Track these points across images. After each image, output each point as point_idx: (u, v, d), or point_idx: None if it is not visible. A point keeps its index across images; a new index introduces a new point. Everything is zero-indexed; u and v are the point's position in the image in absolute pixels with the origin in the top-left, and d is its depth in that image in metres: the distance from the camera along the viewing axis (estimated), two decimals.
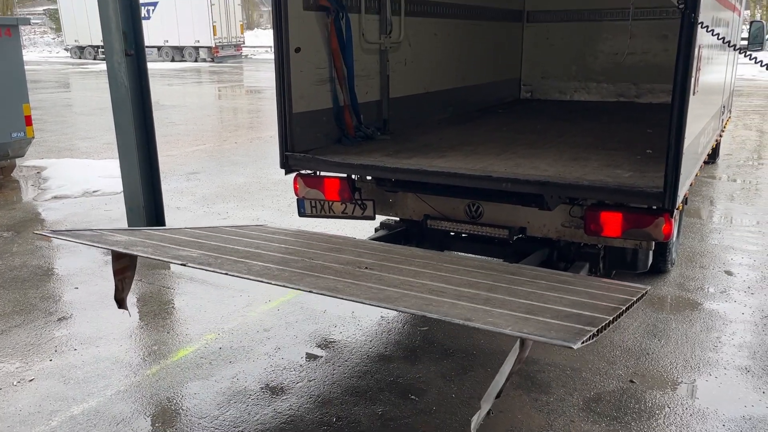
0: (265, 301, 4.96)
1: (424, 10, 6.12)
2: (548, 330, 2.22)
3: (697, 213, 7.11)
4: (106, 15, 5.74)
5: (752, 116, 14.31)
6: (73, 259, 5.95)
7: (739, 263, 5.61)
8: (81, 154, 11.10)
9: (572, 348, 2.02)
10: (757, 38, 8.31)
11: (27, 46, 50.08)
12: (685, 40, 3.32)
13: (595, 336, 2.16)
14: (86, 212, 7.45)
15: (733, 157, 10.06)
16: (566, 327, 2.24)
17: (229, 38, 37.23)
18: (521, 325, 2.27)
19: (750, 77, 21.32)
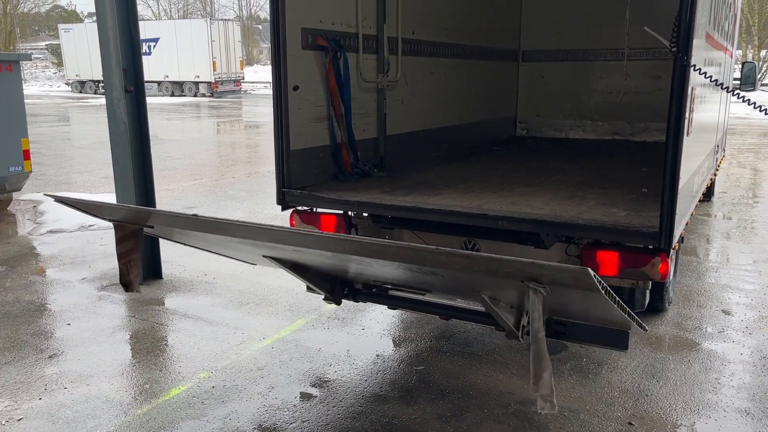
0: (260, 339, 4.91)
1: (420, 49, 6.22)
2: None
3: (693, 251, 7.11)
4: (106, 51, 5.81)
5: (746, 154, 14.44)
6: (66, 294, 5.90)
7: (737, 302, 5.59)
8: (78, 188, 11.10)
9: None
10: (750, 78, 8.44)
11: (28, 80, 50.55)
12: (678, 82, 3.36)
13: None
14: (81, 246, 7.41)
15: (728, 195, 10.11)
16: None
17: (229, 74, 37.66)
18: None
19: (743, 116, 21.57)
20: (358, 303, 4.04)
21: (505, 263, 2.21)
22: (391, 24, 5.60)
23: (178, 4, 68.61)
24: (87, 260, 6.89)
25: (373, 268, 3.02)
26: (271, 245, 2.88)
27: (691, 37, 3.32)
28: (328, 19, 4.92)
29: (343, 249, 2.66)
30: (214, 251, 3.93)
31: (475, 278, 2.64)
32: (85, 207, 3.20)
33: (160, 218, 3.01)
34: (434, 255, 2.35)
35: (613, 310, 2.51)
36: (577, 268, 2.06)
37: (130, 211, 3.07)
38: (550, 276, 2.22)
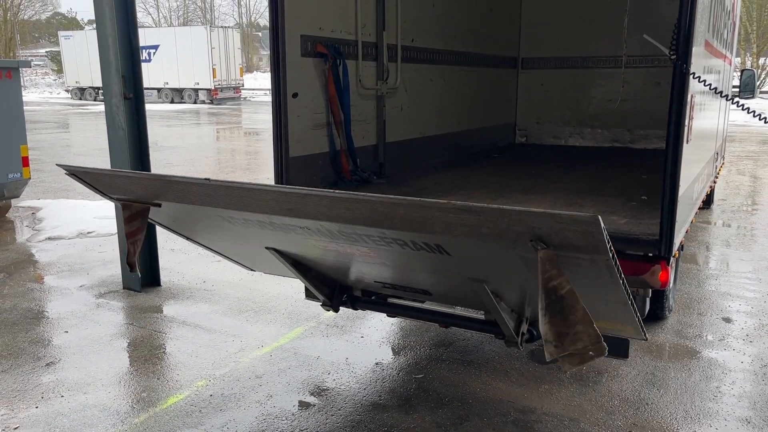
0: (258, 347, 4.89)
1: (420, 56, 6.22)
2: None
3: (693, 259, 7.10)
4: (106, 59, 5.81)
5: (745, 162, 14.45)
6: (64, 302, 5.88)
7: (737, 310, 5.57)
8: (77, 194, 11.08)
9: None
10: (749, 86, 8.44)
11: (28, 86, 50.67)
12: (677, 90, 3.36)
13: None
14: (80, 253, 7.39)
15: (728, 202, 10.11)
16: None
17: (229, 81, 37.75)
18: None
19: (742, 123, 21.62)
20: (357, 311, 4.03)
21: (514, 215, 2.13)
22: (391, 31, 5.61)
23: (178, 11, 68.91)
24: (85, 267, 6.87)
25: (374, 254, 2.93)
26: (280, 214, 2.77)
27: (691, 45, 3.32)
28: (328, 27, 4.93)
29: (355, 209, 2.50)
30: (216, 248, 3.88)
31: (480, 253, 2.55)
32: (95, 182, 3.15)
33: (170, 188, 2.89)
34: (443, 212, 2.25)
35: (619, 289, 2.46)
36: (587, 216, 1.99)
37: (141, 179, 2.97)
38: (559, 230, 2.12)
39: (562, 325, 2.21)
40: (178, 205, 3.09)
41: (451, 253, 2.61)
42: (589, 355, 2.24)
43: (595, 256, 2.21)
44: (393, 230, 2.54)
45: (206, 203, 2.91)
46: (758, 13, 34.93)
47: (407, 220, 2.41)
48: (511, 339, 3.31)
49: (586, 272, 2.37)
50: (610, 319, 3.05)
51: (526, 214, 2.08)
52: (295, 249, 3.27)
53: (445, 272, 2.99)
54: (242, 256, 3.94)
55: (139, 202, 3.11)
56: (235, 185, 2.62)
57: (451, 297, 3.52)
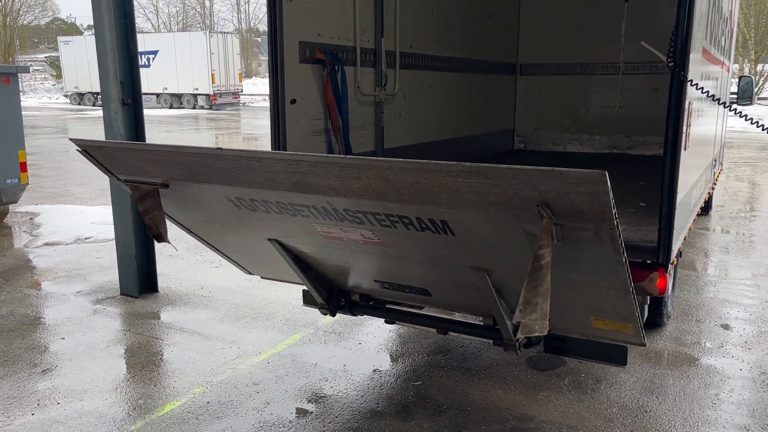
0: (256, 353, 4.87)
1: (418, 63, 6.23)
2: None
3: (691, 265, 7.10)
4: (104, 65, 5.81)
5: (744, 168, 14.47)
6: (61, 308, 5.86)
7: (735, 317, 5.56)
8: (75, 200, 11.08)
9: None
10: (746, 93, 8.46)
11: (27, 92, 50.71)
12: (675, 97, 3.37)
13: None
14: (77, 259, 7.38)
15: (726, 208, 10.11)
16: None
17: (228, 86, 37.80)
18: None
19: (740, 129, 21.66)
20: (355, 317, 4.01)
21: (522, 174, 2.12)
22: (389, 38, 5.61)
23: (177, 16, 69.05)
24: (82, 273, 6.85)
25: (377, 240, 2.90)
26: (289, 189, 2.72)
27: (688, 52, 3.33)
28: (326, 33, 4.93)
29: (364, 178, 2.46)
30: (217, 244, 3.86)
31: (485, 230, 2.52)
32: (106, 159, 3.10)
33: (182, 160, 2.85)
34: (452, 176, 2.24)
35: (621, 270, 2.46)
36: (594, 172, 2.01)
37: (154, 151, 2.91)
38: (565, 193, 2.12)
39: (531, 292, 2.29)
40: (186, 187, 3.06)
41: (456, 231, 2.59)
42: (535, 329, 2.31)
43: (600, 224, 2.21)
44: (399, 203, 2.51)
45: (215, 180, 2.88)
46: (756, 20, 35.07)
47: (415, 188, 2.38)
48: (510, 342, 3.30)
49: (590, 248, 2.37)
50: (611, 316, 3.02)
51: (534, 173, 2.08)
52: (298, 241, 3.25)
53: (447, 262, 2.95)
54: (243, 254, 3.91)
55: (146, 183, 3.10)
56: (246, 153, 2.60)
57: (450, 297, 3.49)
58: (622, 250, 2.33)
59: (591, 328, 3.17)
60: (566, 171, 2.02)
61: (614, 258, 2.38)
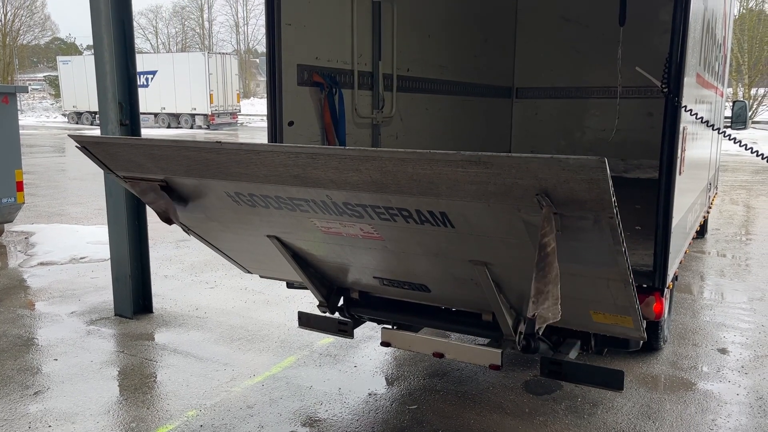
0: (250, 376, 4.83)
1: (415, 86, 6.28)
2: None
3: (688, 288, 7.09)
4: (103, 85, 5.84)
5: (739, 191, 14.54)
6: (54, 329, 5.81)
7: (732, 341, 5.55)
8: (71, 219, 11.06)
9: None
10: (740, 117, 8.54)
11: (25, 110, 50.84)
12: (669, 122, 3.40)
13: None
14: (72, 279, 7.34)
15: (722, 232, 10.14)
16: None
17: (225, 106, 37.96)
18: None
19: (735, 152, 21.78)
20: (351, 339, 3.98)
21: (522, 162, 2.11)
22: (387, 61, 5.66)
23: (176, 37, 69.57)
24: (77, 293, 6.81)
25: (377, 234, 2.88)
26: (288, 183, 2.71)
27: (682, 78, 3.36)
28: (324, 56, 4.97)
29: (364, 170, 2.44)
30: (216, 242, 3.83)
31: (484, 222, 2.52)
32: (105, 155, 3.09)
33: (182, 155, 2.81)
34: (451, 165, 2.23)
35: (621, 259, 2.46)
36: (593, 159, 2.02)
37: (154, 146, 2.87)
38: (565, 181, 2.11)
39: (541, 282, 2.30)
40: (185, 182, 3.05)
41: (455, 223, 2.58)
42: (547, 316, 2.33)
43: (599, 213, 2.22)
44: (399, 195, 2.50)
45: (214, 175, 2.87)
46: (749, 45, 35.49)
47: (414, 179, 2.38)
48: (509, 337, 3.29)
49: (589, 237, 2.37)
50: (611, 309, 3.00)
51: (533, 160, 2.08)
52: (297, 237, 3.24)
53: (447, 256, 2.94)
54: (242, 252, 3.89)
55: (145, 179, 3.10)
56: (245, 146, 2.59)
57: (449, 293, 3.46)
58: (621, 240, 2.33)
59: (590, 321, 3.15)
60: (565, 158, 2.03)
61: (614, 248, 2.39)
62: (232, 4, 68.26)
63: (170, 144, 2.80)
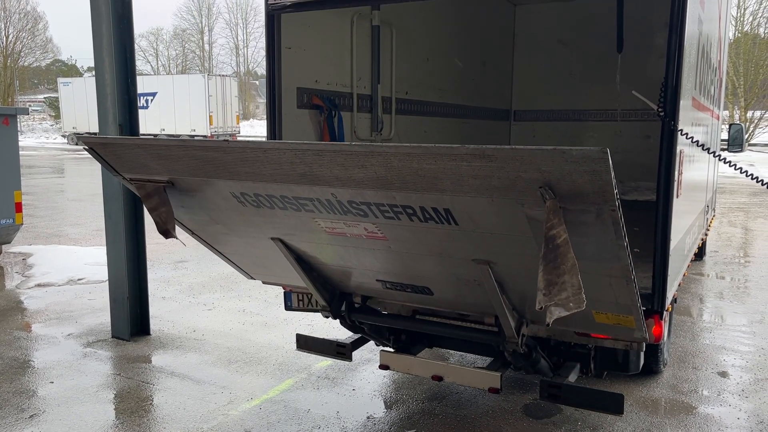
0: (248, 399, 4.79)
1: (413, 108, 6.33)
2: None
3: (687, 311, 7.08)
4: (103, 107, 5.88)
5: (736, 213, 14.57)
6: (51, 351, 5.78)
7: (732, 364, 5.53)
8: (69, 240, 11.04)
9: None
10: (737, 140, 8.60)
11: (25, 131, 51.05)
12: (666, 146, 3.42)
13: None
14: (69, 301, 7.31)
15: (720, 254, 10.14)
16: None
17: (225, 128, 38.14)
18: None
19: (732, 174, 21.84)
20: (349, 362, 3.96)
21: (525, 155, 2.13)
22: (385, 84, 5.71)
23: (177, 59, 70.09)
24: (74, 315, 6.78)
25: (381, 234, 2.89)
26: (294, 182, 2.72)
27: (678, 102, 3.39)
28: (324, 79, 5.02)
29: (369, 166, 2.46)
30: (220, 246, 3.84)
31: (488, 219, 2.52)
32: (112, 156, 3.10)
33: (188, 154, 2.82)
34: (456, 160, 2.25)
35: (623, 255, 2.47)
36: (595, 149, 2.03)
37: (161, 146, 2.90)
38: (568, 174, 2.12)
39: (553, 273, 2.27)
40: (191, 183, 3.06)
41: (459, 221, 2.59)
42: (570, 306, 2.29)
43: (602, 206, 2.23)
44: (403, 192, 2.51)
45: (220, 174, 2.87)
46: (745, 69, 35.82)
47: (419, 175, 2.39)
48: (512, 340, 3.28)
49: (592, 232, 2.37)
50: (613, 308, 2.99)
51: (536, 152, 2.10)
52: (301, 239, 3.24)
53: (450, 255, 2.94)
54: (245, 256, 3.89)
55: (151, 181, 3.12)
56: (251, 144, 2.61)
57: (451, 296, 3.45)
58: (623, 234, 2.34)
59: (593, 323, 3.13)
60: (568, 149, 2.04)
61: (616, 242, 2.40)
62: (233, 27, 68.97)
63: (177, 144, 2.82)
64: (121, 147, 3.01)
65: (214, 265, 9.17)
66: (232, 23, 69.68)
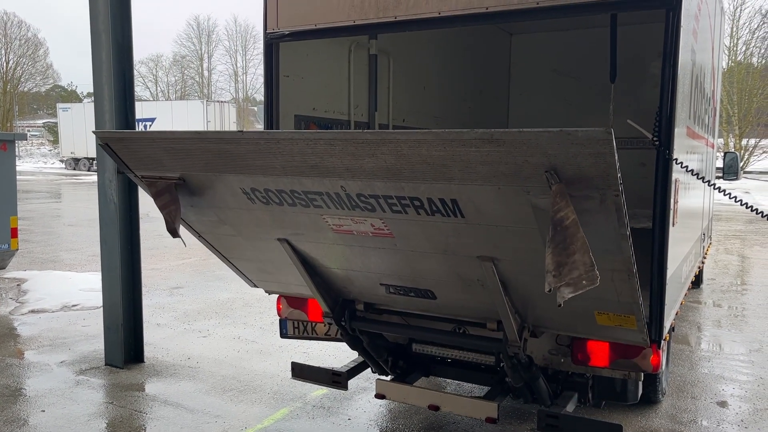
0: (242, 429, 4.72)
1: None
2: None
3: (685, 339, 7.04)
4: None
5: (733, 241, 14.59)
6: (43, 379, 5.70)
7: (731, 394, 5.48)
8: (64, 266, 10.98)
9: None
10: (732, 168, 8.64)
11: (23, 156, 51.17)
12: (662, 175, 3.43)
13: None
14: (63, 328, 7.25)
15: (717, 282, 10.13)
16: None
17: None
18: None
19: (727, 202, 21.94)
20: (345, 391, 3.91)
21: (532, 137, 2.19)
22: (383, 111, 5.75)
23: (176, 85, 70.58)
24: (67, 342, 6.72)
25: (387, 230, 2.92)
26: (305, 174, 2.76)
27: (673, 131, 3.42)
28: (321, 107, 5.05)
29: (379, 155, 2.52)
30: (225, 250, 3.85)
31: (494, 209, 2.55)
32: (126, 151, 3.13)
33: (203, 146, 2.86)
34: (465, 145, 2.30)
35: (625, 245, 2.49)
36: (599, 130, 2.07)
37: (175, 139, 2.94)
38: (573, 157, 2.18)
39: (562, 254, 2.29)
40: (201, 180, 3.08)
41: (465, 212, 2.62)
42: (582, 284, 2.30)
43: (605, 191, 2.27)
44: (412, 182, 2.56)
45: (232, 168, 2.90)
46: (738, 97, 36.21)
47: (428, 162, 2.43)
48: (515, 343, 3.30)
49: (595, 220, 2.40)
50: (614, 307, 2.98)
51: (543, 135, 2.17)
52: (308, 239, 3.26)
53: (455, 252, 2.96)
54: (250, 261, 3.89)
55: (162, 178, 3.16)
56: (266, 135, 2.68)
57: (454, 299, 3.44)
58: (626, 222, 2.38)
59: (594, 325, 3.13)
60: (574, 130, 2.10)
61: (619, 231, 2.43)
62: (232, 54, 69.45)
63: (192, 135, 2.86)
64: (135, 141, 3.05)
65: (210, 292, 9.12)
66: (231, 50, 70.21)
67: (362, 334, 4.00)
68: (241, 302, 8.49)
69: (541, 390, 3.82)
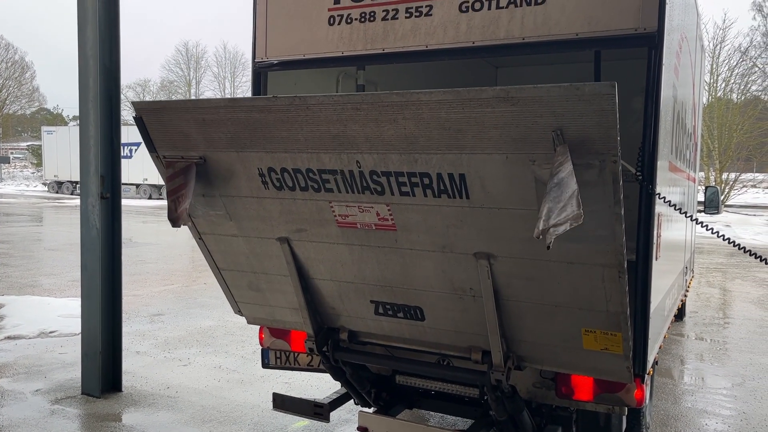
0: None
1: None
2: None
3: (668, 373, 7.04)
4: (86, 159, 5.85)
5: (714, 274, 14.71)
6: (17, 408, 5.56)
7: (714, 429, 5.47)
8: (43, 291, 10.81)
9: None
10: (713, 202, 8.75)
11: (5, 179, 50.65)
12: (645, 209, 3.46)
13: None
14: (39, 355, 7.10)
15: (699, 314, 10.18)
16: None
17: None
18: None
19: (709, 235, 22.19)
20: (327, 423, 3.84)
21: (543, 92, 2.35)
22: None
23: None
24: (43, 370, 6.57)
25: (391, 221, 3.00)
26: (325, 148, 2.88)
27: (655, 167, 3.46)
28: None
29: (400, 120, 2.65)
30: (219, 260, 3.84)
31: (499, 187, 2.65)
32: (158, 122, 3.17)
33: (234, 113, 2.94)
34: (482, 104, 2.44)
35: (618, 228, 2.55)
36: (605, 84, 2.25)
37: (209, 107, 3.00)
38: (579, 115, 2.33)
39: (553, 201, 2.38)
40: (222, 159, 3.16)
41: (471, 191, 2.74)
42: (569, 222, 2.38)
43: (605, 156, 2.40)
44: (426, 153, 2.70)
45: (255, 144, 3.01)
46: (719, 132, 36.88)
47: (445, 128, 2.58)
48: (499, 368, 3.30)
49: (593, 195, 2.50)
50: (602, 322, 2.99)
51: (553, 90, 2.35)
52: (309, 236, 3.31)
53: (452, 249, 3.01)
54: (243, 272, 3.86)
55: (184, 158, 3.23)
56: (297, 98, 2.79)
57: (443, 320, 3.42)
58: (621, 199, 2.47)
59: (580, 350, 3.13)
60: (582, 84, 2.30)
61: (614, 210, 2.52)
62: (221, 81, 69.78)
63: (225, 104, 2.97)
64: (171, 111, 3.13)
65: (191, 319, 9.00)
66: (220, 76, 70.57)
67: (345, 365, 3.95)
68: (223, 330, 8.38)
69: (525, 423, 3.78)
